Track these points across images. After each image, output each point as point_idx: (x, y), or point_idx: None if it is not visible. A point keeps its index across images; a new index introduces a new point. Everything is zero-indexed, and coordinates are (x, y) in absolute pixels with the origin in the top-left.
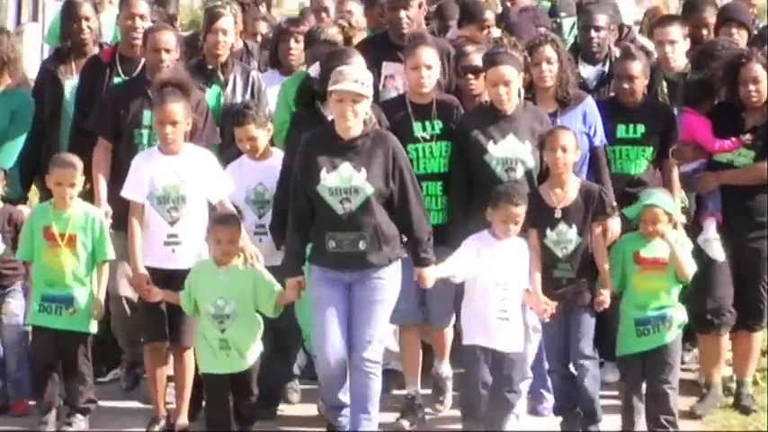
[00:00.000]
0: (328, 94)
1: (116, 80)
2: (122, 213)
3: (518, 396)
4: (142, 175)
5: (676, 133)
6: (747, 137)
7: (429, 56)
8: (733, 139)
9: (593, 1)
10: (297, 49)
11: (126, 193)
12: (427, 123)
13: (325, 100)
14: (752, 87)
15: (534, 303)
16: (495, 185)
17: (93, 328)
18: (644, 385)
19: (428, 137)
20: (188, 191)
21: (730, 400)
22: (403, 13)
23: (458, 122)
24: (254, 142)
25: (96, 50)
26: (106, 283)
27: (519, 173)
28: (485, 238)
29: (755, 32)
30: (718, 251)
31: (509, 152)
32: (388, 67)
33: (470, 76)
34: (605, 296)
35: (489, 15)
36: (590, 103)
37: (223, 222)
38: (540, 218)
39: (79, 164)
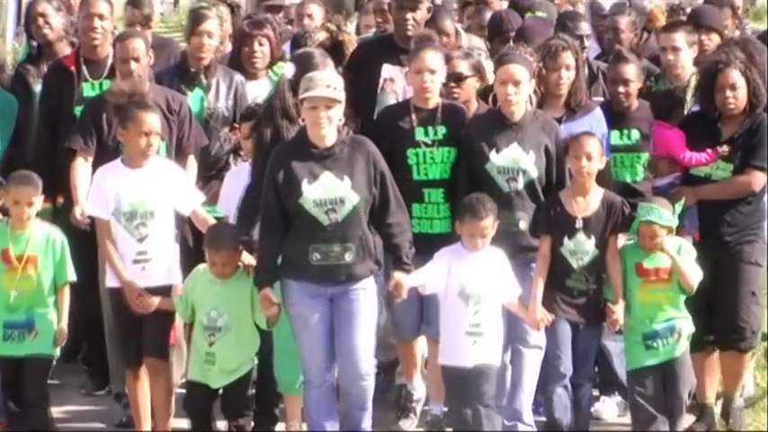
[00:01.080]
0: (299, 102)
1: (84, 85)
2: None
3: (494, 411)
4: (107, 191)
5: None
6: (724, 148)
7: (433, 60)
8: (709, 151)
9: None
10: (261, 52)
11: (90, 209)
12: (430, 128)
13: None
14: (729, 94)
15: (529, 314)
16: (496, 195)
17: (57, 352)
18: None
19: (430, 142)
20: (156, 205)
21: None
22: (410, 15)
23: (464, 127)
24: None
25: (68, 50)
26: (68, 307)
27: (520, 183)
28: (457, 251)
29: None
30: None
31: (511, 161)
32: (387, 70)
33: (452, 84)
34: (618, 313)
35: (449, 23)
36: (598, 115)
37: (216, 247)
38: (559, 226)
39: (38, 181)
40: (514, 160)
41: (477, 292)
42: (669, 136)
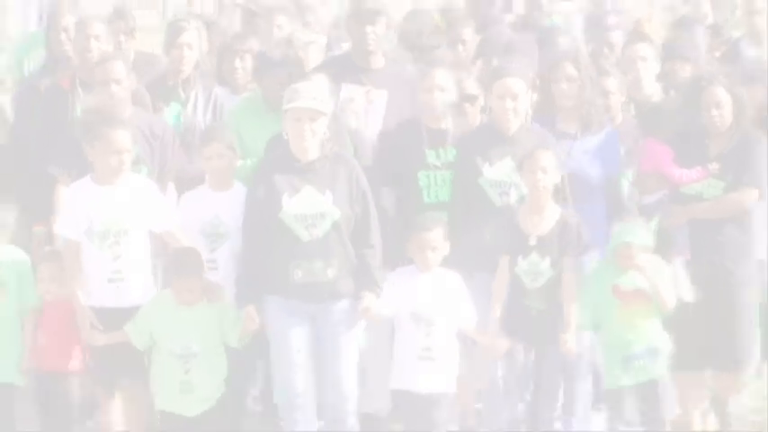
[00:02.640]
0: (284, 113)
1: (79, 107)
2: None
3: None
4: (77, 210)
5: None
6: (714, 166)
7: (443, 77)
8: (699, 168)
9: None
10: (242, 67)
11: (60, 229)
12: (441, 150)
13: None
14: (715, 112)
15: (484, 338)
16: (488, 208)
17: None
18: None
19: (440, 164)
20: (130, 223)
21: None
22: (369, 29)
23: (459, 142)
24: (222, 161)
25: None
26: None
27: (512, 197)
28: (408, 272)
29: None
30: (687, 290)
31: (503, 175)
32: (347, 90)
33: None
34: (569, 342)
35: (468, 31)
36: (613, 132)
37: (179, 275)
38: (513, 244)
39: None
40: (507, 174)
41: (428, 315)
42: (658, 152)
